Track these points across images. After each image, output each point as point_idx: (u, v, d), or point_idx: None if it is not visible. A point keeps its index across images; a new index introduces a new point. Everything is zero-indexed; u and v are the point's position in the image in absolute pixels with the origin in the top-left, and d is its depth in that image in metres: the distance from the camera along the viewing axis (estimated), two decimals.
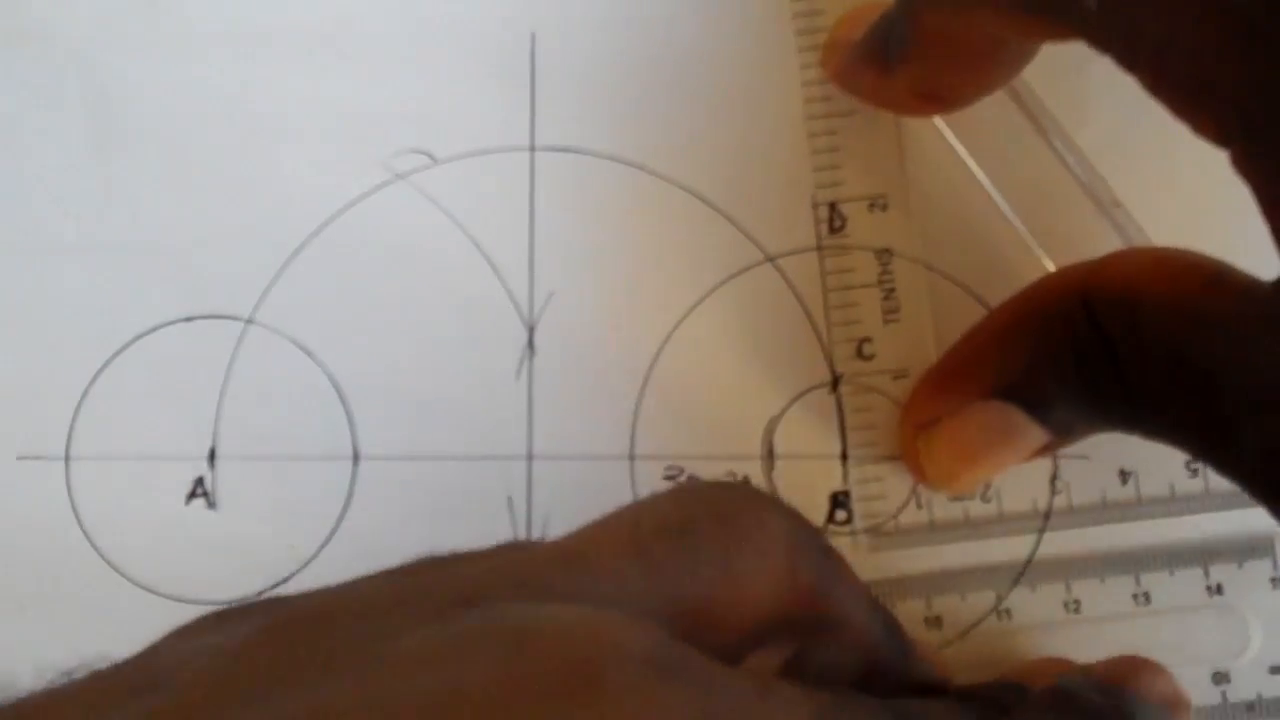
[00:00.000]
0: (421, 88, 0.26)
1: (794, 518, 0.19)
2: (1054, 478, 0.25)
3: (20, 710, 0.16)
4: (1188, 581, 0.25)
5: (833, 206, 0.26)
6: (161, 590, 0.25)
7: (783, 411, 0.25)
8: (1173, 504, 0.25)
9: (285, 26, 0.26)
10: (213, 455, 0.25)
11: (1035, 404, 0.22)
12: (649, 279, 0.26)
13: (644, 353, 0.25)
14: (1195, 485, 0.25)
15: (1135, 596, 0.25)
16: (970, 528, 0.25)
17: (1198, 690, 0.24)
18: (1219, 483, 0.25)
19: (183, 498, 0.25)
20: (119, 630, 0.25)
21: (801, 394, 0.25)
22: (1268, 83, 0.17)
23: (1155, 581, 0.25)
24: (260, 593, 0.25)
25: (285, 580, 0.25)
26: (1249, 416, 0.19)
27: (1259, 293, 0.19)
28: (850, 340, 0.25)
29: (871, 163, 0.26)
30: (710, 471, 0.25)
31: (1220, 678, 0.25)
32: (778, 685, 0.17)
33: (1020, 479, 0.25)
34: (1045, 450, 0.23)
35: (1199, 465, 0.25)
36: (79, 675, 0.16)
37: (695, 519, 0.18)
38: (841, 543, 0.25)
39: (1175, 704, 0.22)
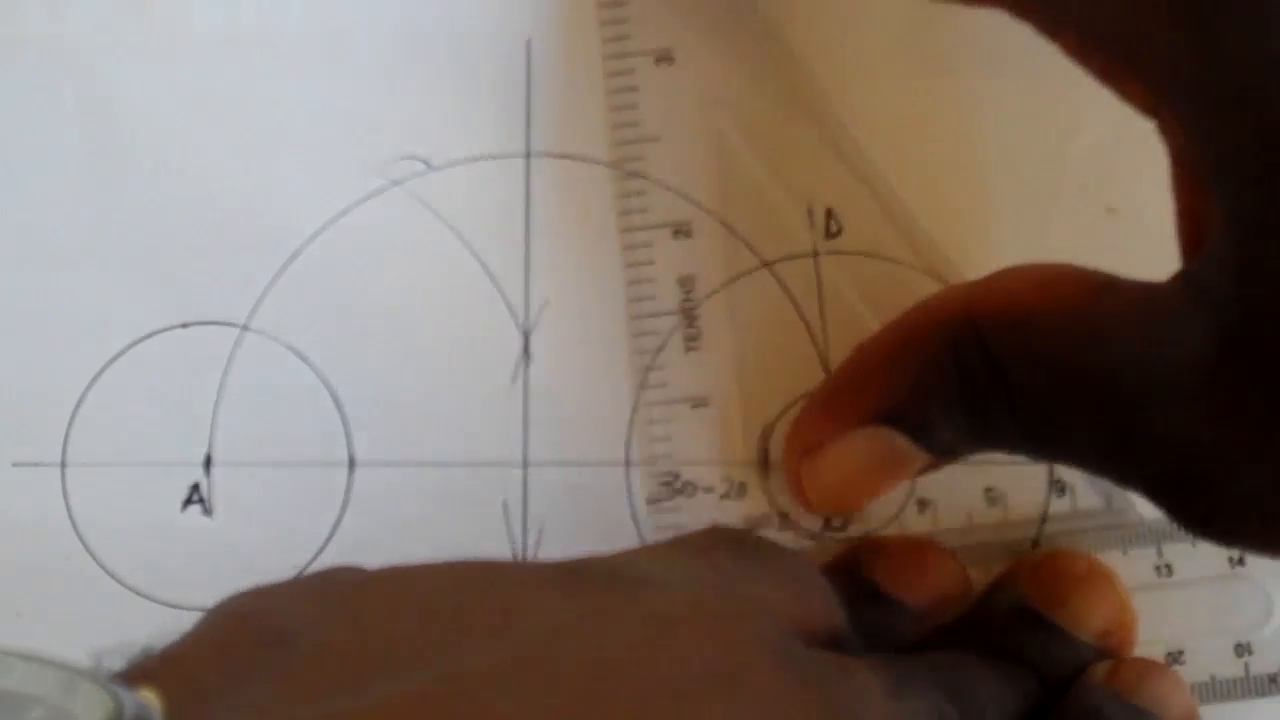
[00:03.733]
0: (417, 94, 0.26)
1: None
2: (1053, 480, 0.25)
3: (149, 666, 0.16)
4: (1210, 552, 0.25)
5: (829, 212, 0.26)
6: (157, 596, 0.25)
7: (778, 417, 0.25)
8: None
9: (282, 33, 0.26)
10: (208, 462, 0.25)
11: (918, 429, 0.22)
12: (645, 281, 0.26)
13: (639, 359, 0.25)
14: None
15: (1158, 568, 0.25)
16: (973, 532, 0.25)
17: (1221, 662, 0.24)
18: None
19: (178, 504, 0.25)
20: (115, 636, 0.25)
21: (798, 400, 0.25)
22: (1198, 50, 0.17)
23: (1178, 553, 0.25)
24: None
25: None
26: (1156, 412, 0.19)
27: (1157, 291, 0.20)
28: (846, 345, 0.25)
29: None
30: (706, 478, 0.25)
31: (1242, 649, 0.25)
32: (856, 667, 0.18)
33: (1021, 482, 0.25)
34: (930, 469, 0.23)
35: None
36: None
37: (729, 537, 0.20)
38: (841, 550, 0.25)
39: (1191, 718, 0.22)
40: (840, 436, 0.23)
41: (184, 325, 0.25)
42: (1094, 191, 0.25)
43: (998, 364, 0.21)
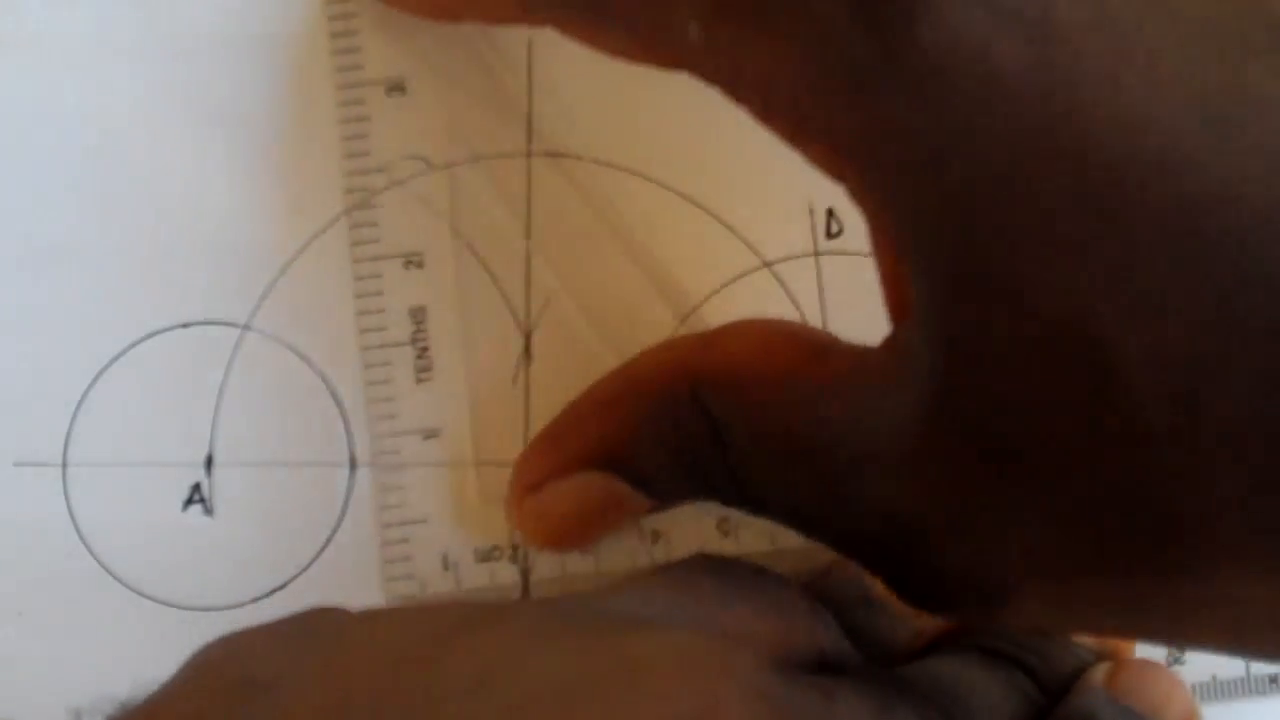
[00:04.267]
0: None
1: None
2: None
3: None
4: None
5: (830, 212, 0.26)
6: (158, 596, 0.25)
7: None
8: None
9: (282, 32, 0.26)
10: (209, 462, 0.25)
11: (637, 478, 0.22)
12: (645, 285, 0.26)
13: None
14: None
15: None
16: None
17: (1221, 662, 0.24)
18: None
19: (180, 504, 0.25)
20: (115, 636, 0.25)
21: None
22: (874, 120, 0.17)
23: None
24: (256, 599, 0.25)
25: (282, 587, 0.25)
26: (868, 481, 0.19)
27: (869, 357, 0.19)
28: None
29: None
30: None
31: None
32: (840, 692, 0.18)
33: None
34: (655, 510, 0.23)
35: None
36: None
37: (712, 567, 0.20)
38: None
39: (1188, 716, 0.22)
40: (561, 478, 0.23)
41: (185, 325, 0.25)
42: None
43: (715, 423, 0.21)
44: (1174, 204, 0.15)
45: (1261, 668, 0.25)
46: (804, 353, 0.20)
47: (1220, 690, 0.25)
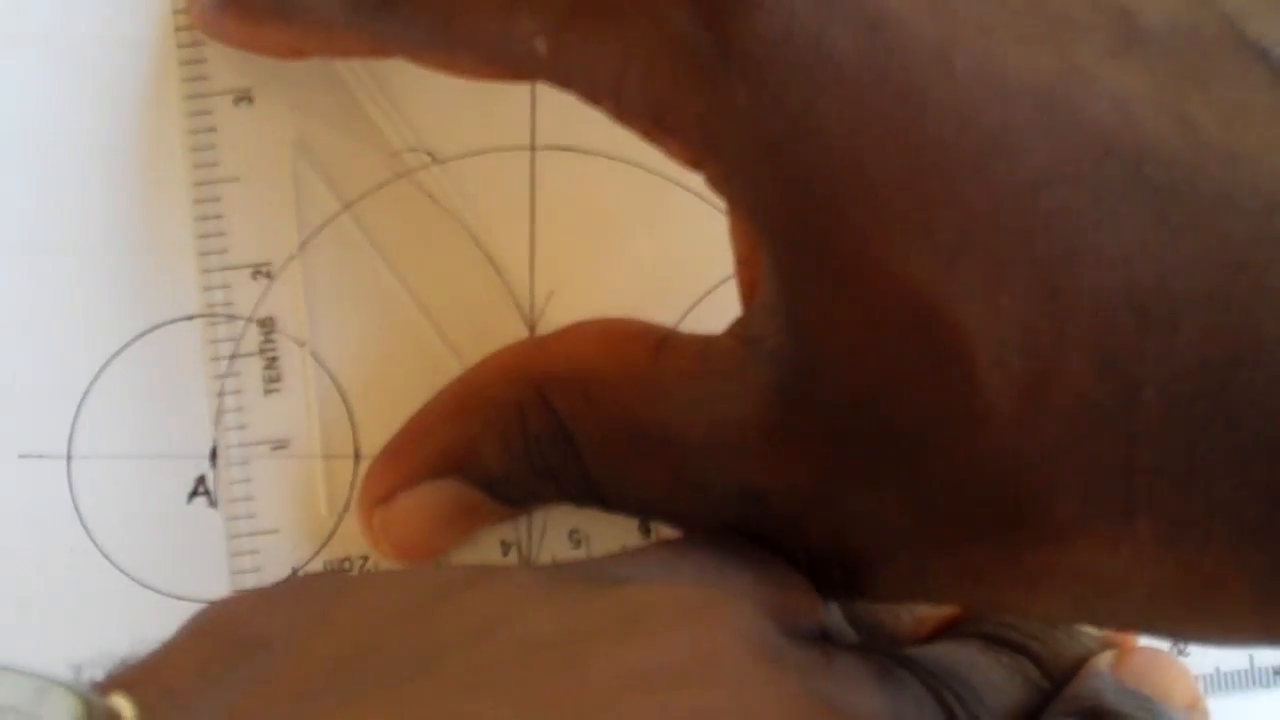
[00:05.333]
0: (422, 87, 0.26)
1: None
2: None
3: (126, 675, 0.16)
4: None
5: None
6: (163, 588, 0.25)
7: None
8: None
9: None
10: (214, 454, 0.25)
11: (486, 483, 0.22)
12: (649, 277, 0.26)
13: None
14: None
15: None
16: None
17: (1225, 654, 0.24)
18: None
19: (184, 496, 0.25)
20: (119, 627, 0.25)
21: None
22: (717, 111, 0.18)
23: None
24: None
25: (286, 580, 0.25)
26: (723, 469, 0.19)
27: (713, 345, 0.20)
28: None
29: None
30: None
31: None
32: (841, 656, 0.18)
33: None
34: (510, 517, 0.23)
35: None
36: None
37: (709, 539, 0.20)
38: None
39: (1195, 707, 0.22)
40: (409, 488, 0.23)
41: (189, 318, 0.25)
42: None
43: (563, 423, 0.21)
44: (1007, 184, 0.16)
45: (1266, 659, 0.25)
46: (643, 347, 0.20)
47: (1223, 682, 0.25)
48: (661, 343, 0.20)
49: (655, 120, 0.19)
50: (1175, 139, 0.15)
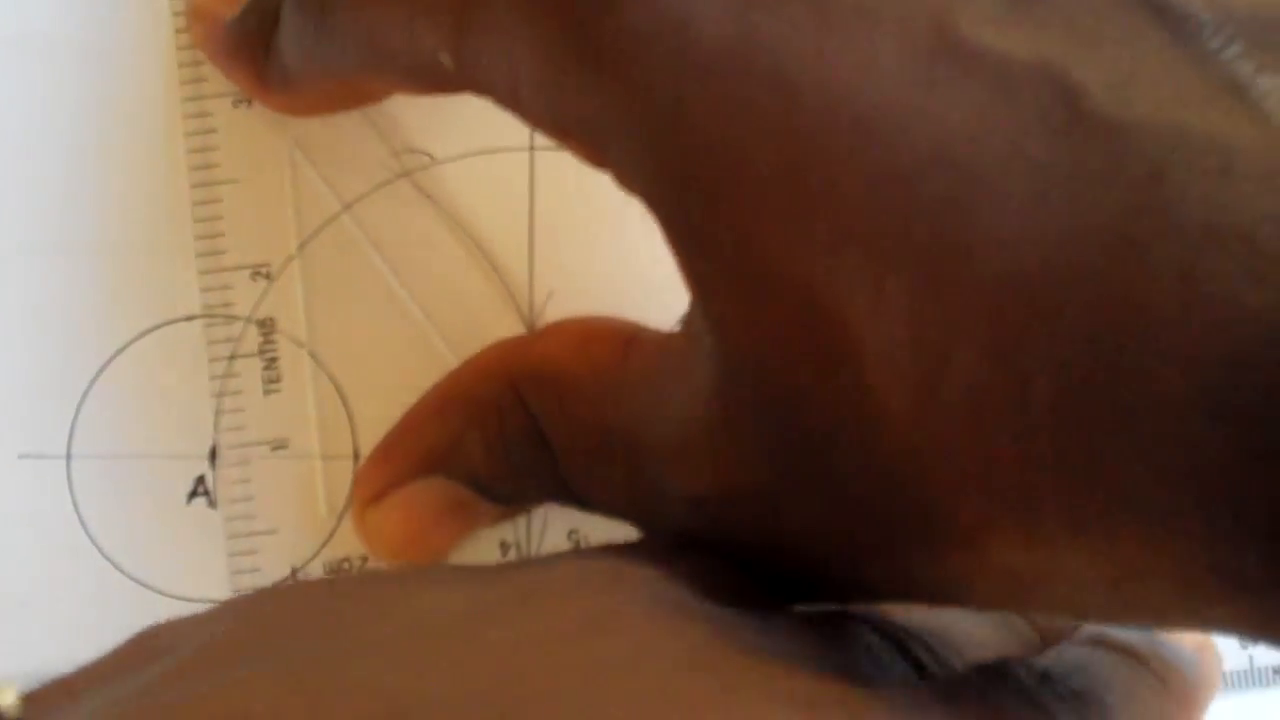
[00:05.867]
0: None
1: None
2: None
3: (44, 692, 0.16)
4: None
5: None
6: (162, 588, 0.25)
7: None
8: None
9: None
10: (214, 454, 0.25)
11: (475, 483, 0.22)
12: (649, 277, 0.26)
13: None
14: None
15: None
16: None
17: (1225, 655, 0.24)
18: None
19: (184, 497, 0.25)
20: (119, 627, 0.25)
21: None
22: (602, 111, 0.17)
23: None
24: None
25: (285, 580, 0.25)
26: (678, 469, 0.18)
27: (670, 344, 0.19)
28: None
29: None
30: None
31: (1247, 641, 0.24)
32: (781, 613, 0.18)
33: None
34: (506, 516, 0.23)
35: None
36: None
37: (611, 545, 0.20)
38: None
39: (1207, 647, 0.21)
40: (400, 488, 0.23)
41: (189, 319, 0.25)
42: None
43: (538, 423, 0.21)
44: (885, 171, 0.15)
45: (1265, 659, 0.25)
46: (615, 345, 0.20)
47: (1224, 682, 0.25)
48: (629, 342, 0.20)
49: (554, 125, 0.18)
50: (1058, 112, 0.14)
